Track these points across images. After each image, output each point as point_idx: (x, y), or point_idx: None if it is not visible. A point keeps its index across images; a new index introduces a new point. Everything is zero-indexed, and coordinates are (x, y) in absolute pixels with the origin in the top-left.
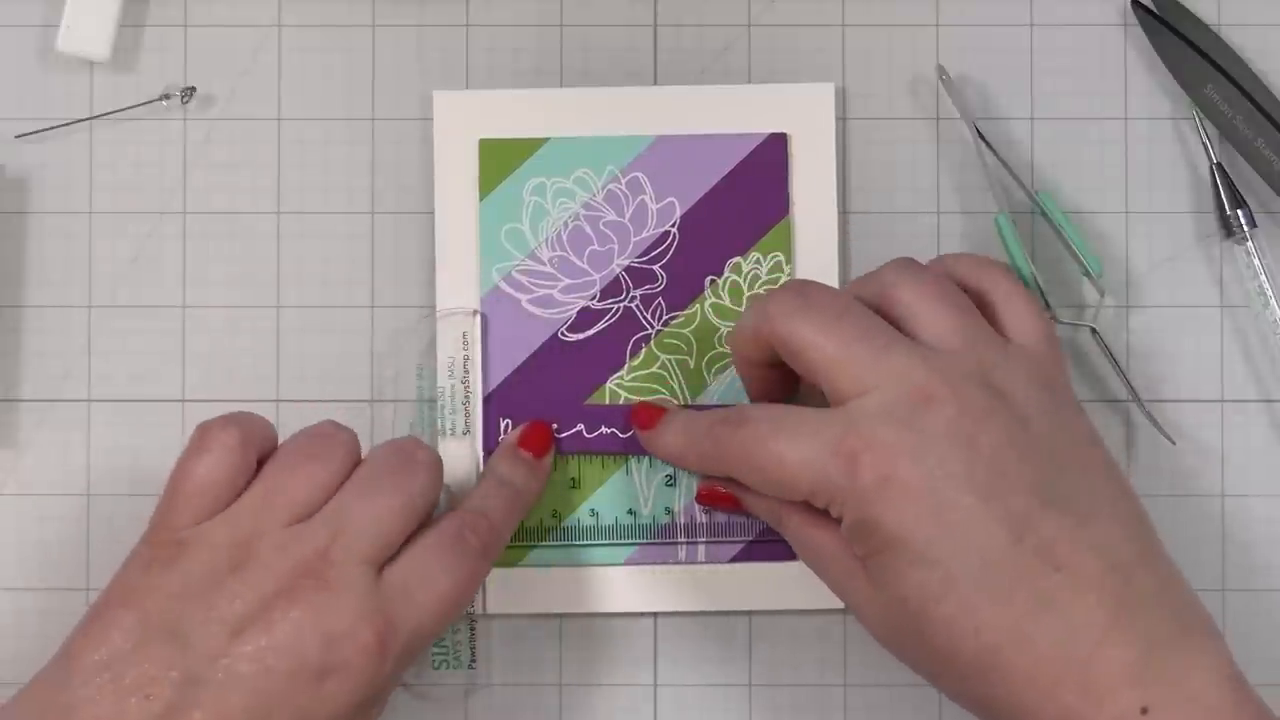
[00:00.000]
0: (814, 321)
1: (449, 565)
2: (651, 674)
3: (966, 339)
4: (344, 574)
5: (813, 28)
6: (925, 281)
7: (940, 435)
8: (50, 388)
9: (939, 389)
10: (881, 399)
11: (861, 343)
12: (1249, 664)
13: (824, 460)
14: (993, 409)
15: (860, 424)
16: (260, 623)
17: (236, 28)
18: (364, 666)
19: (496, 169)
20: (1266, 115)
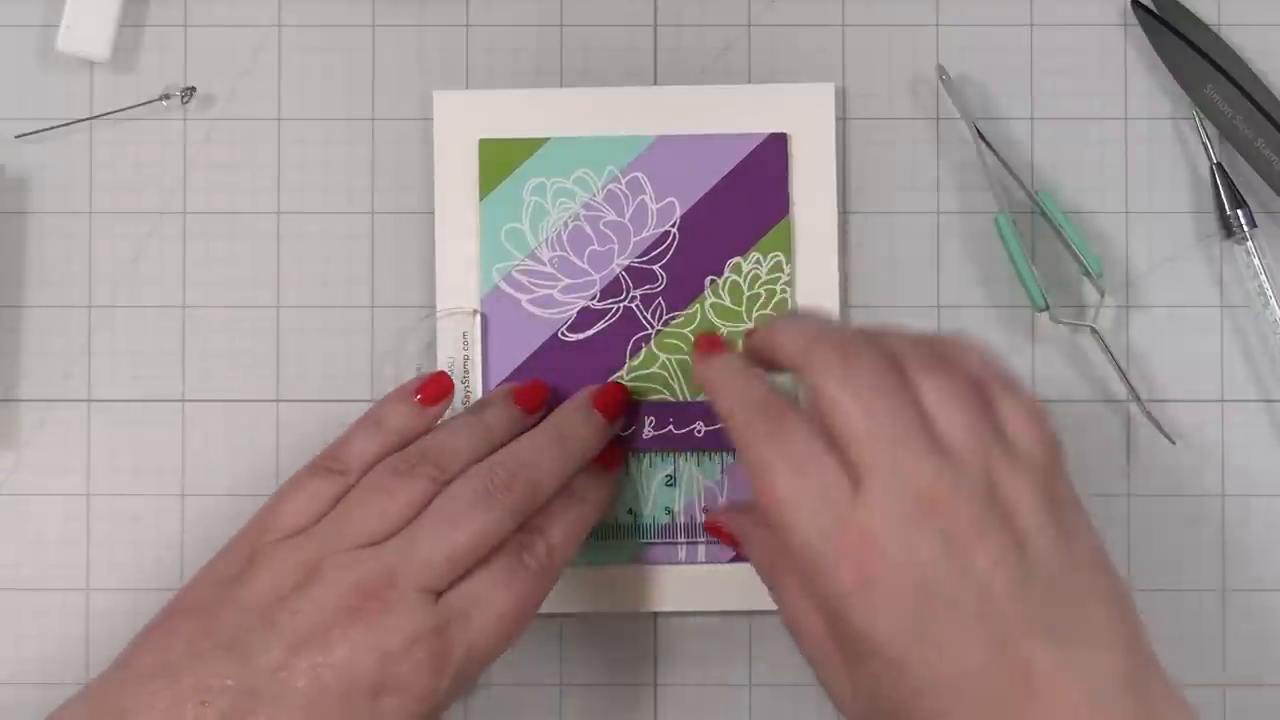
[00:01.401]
0: (851, 390)
1: (506, 587)
2: (651, 674)
3: (980, 448)
4: (404, 597)
5: (813, 28)
6: (954, 380)
7: (936, 547)
8: (50, 388)
9: (945, 497)
10: (888, 492)
11: (889, 425)
12: (1248, 665)
13: (821, 537)
14: (993, 525)
15: (861, 517)
16: (319, 640)
17: (236, 28)
18: (419, 686)
19: (496, 169)
20: (1266, 115)
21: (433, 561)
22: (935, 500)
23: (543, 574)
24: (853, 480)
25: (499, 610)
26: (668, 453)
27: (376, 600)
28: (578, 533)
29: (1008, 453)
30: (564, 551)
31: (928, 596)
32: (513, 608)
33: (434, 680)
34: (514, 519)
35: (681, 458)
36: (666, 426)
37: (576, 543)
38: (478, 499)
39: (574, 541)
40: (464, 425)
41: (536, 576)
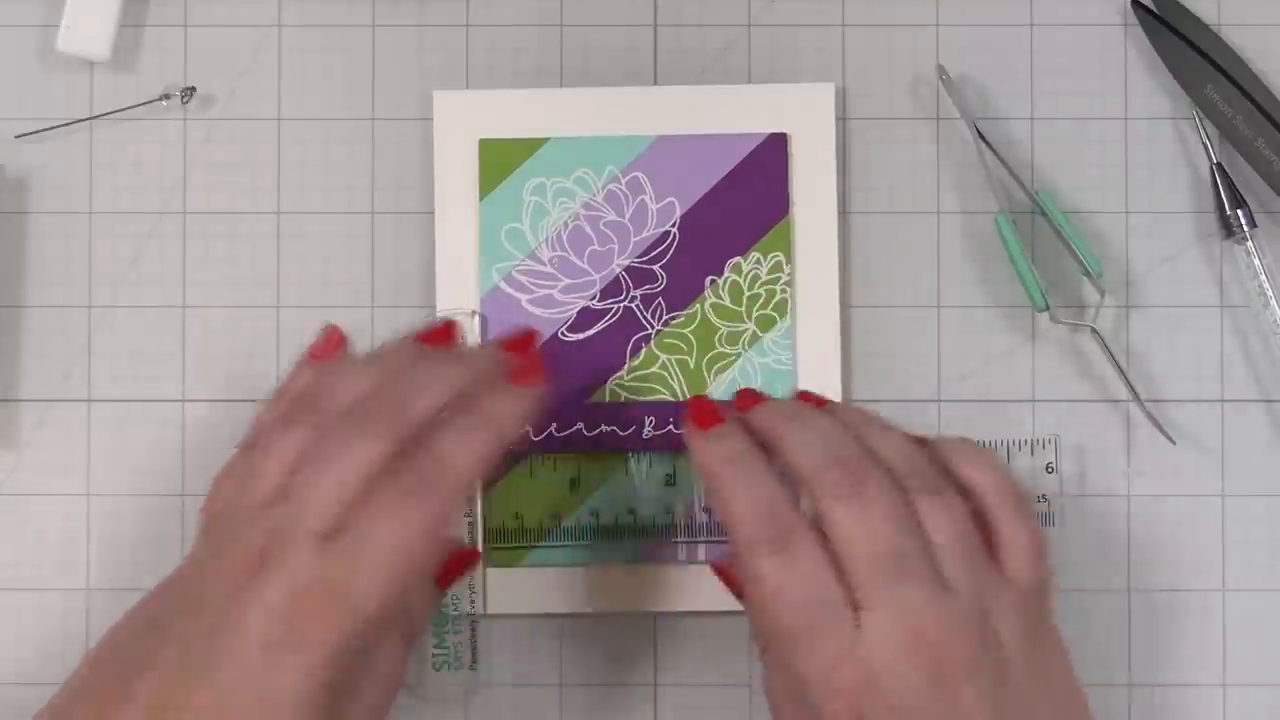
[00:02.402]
0: (859, 519)
1: (391, 518)
2: (651, 674)
3: (976, 581)
4: (289, 550)
5: (813, 28)
6: (956, 508)
7: (926, 685)
8: (50, 388)
9: (942, 636)
10: (887, 629)
11: (894, 562)
12: (1248, 664)
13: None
14: (981, 662)
15: (861, 651)
16: (219, 602)
17: (236, 28)
18: (315, 638)
19: (496, 169)
20: (1266, 115)
21: (310, 505)
22: (931, 637)
23: (430, 492)
24: (853, 610)
25: (388, 544)
26: (667, 453)
27: (266, 559)
28: (474, 445)
29: (1000, 583)
30: (456, 462)
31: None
32: (401, 538)
33: (329, 630)
34: (385, 439)
35: (681, 458)
36: (666, 426)
37: (475, 456)
38: (347, 430)
39: (470, 453)
40: (350, 365)
41: (423, 498)
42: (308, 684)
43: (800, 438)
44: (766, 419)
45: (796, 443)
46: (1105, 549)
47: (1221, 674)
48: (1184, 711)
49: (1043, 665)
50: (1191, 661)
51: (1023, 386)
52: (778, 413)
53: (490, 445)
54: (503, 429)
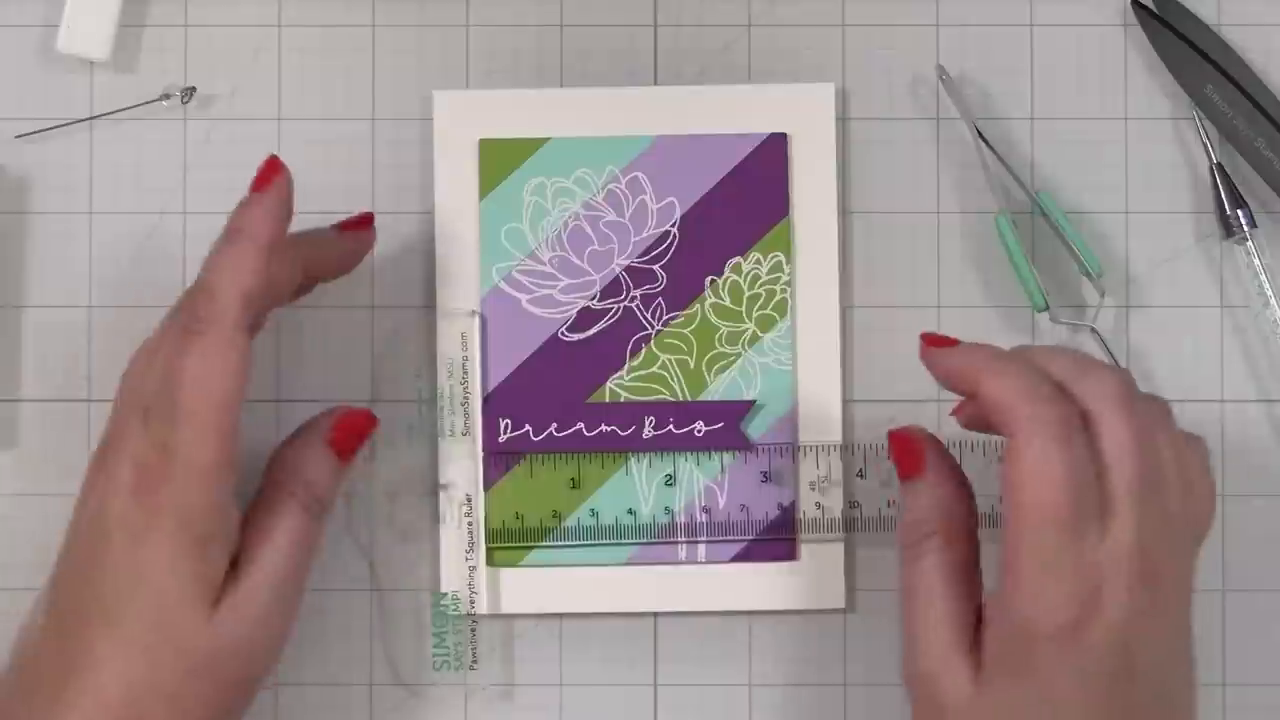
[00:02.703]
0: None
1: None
2: (651, 674)
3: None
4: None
5: (813, 28)
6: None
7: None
8: (50, 388)
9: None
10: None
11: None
12: (1248, 665)
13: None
14: (1183, 581)
15: (1100, 563)
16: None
17: (236, 28)
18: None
19: (496, 169)
20: (1266, 115)
21: (132, 388)
22: (1154, 558)
23: (204, 322)
24: (1101, 506)
25: (187, 385)
26: (668, 453)
27: (107, 449)
28: (230, 260)
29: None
30: (219, 282)
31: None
32: (197, 374)
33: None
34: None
35: (681, 458)
36: (666, 426)
37: (235, 270)
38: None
39: (229, 269)
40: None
41: (201, 328)
42: (174, 550)
43: (1074, 354)
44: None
45: (1073, 353)
46: None
47: (1221, 674)
48: None
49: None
50: None
51: None
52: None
53: (246, 254)
54: (253, 234)
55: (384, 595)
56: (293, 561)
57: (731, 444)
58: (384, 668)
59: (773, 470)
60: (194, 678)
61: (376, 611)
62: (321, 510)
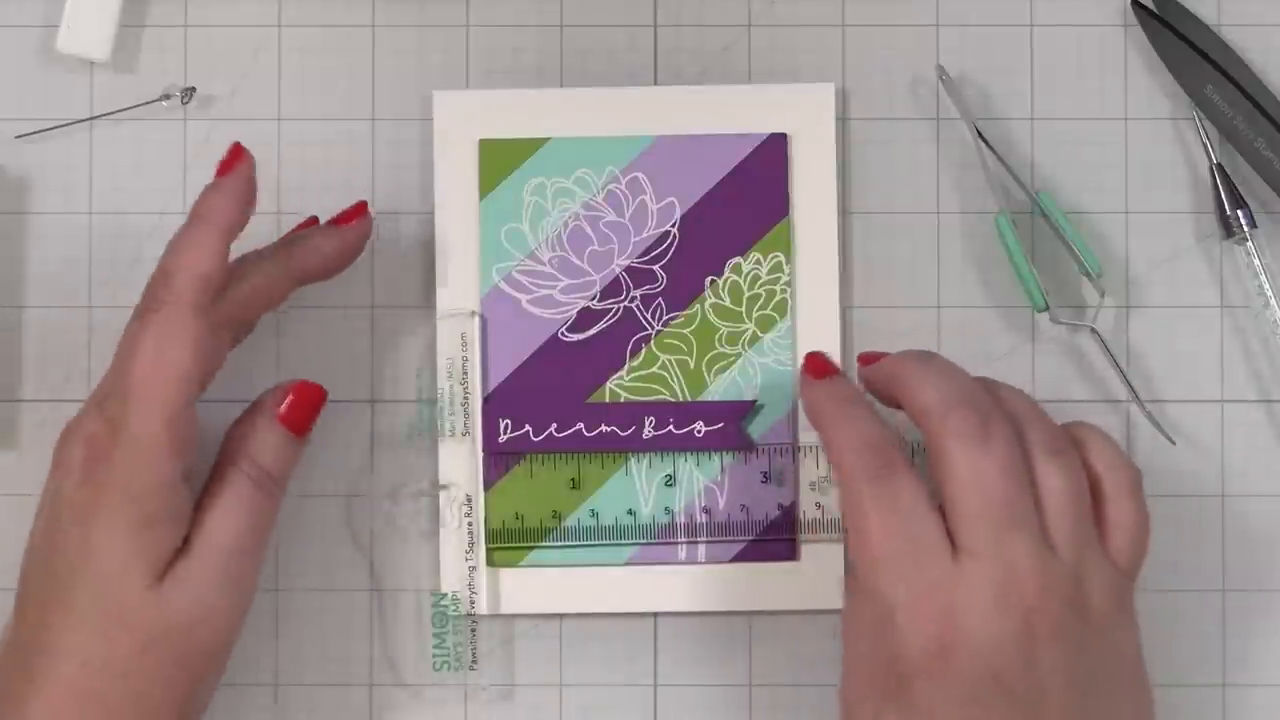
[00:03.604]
0: (982, 468)
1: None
2: (651, 674)
3: (1079, 544)
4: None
5: (813, 28)
6: (1073, 470)
7: (1014, 638)
8: (50, 388)
9: (1036, 591)
10: (985, 574)
11: (1006, 511)
12: (1248, 664)
13: (908, 597)
14: (1069, 625)
15: (953, 589)
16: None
17: (236, 28)
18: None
19: (496, 169)
20: (1266, 115)
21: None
22: (1027, 592)
23: (161, 302)
24: (953, 551)
25: (139, 362)
26: (668, 453)
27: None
28: (189, 241)
29: (1101, 556)
30: (178, 264)
31: (993, 680)
32: (150, 351)
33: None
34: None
35: (681, 458)
36: (666, 426)
37: (194, 252)
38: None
39: (187, 251)
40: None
41: (159, 308)
42: (120, 527)
43: (931, 377)
44: (895, 363)
45: (926, 381)
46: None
47: (1221, 674)
48: (1184, 711)
49: (1120, 644)
50: (1191, 661)
51: (1022, 386)
52: (907, 357)
53: (202, 236)
54: (212, 218)
55: (384, 595)
56: (240, 534)
57: (731, 444)
58: (384, 668)
59: (773, 470)
60: (145, 654)
61: (376, 611)
62: (273, 485)
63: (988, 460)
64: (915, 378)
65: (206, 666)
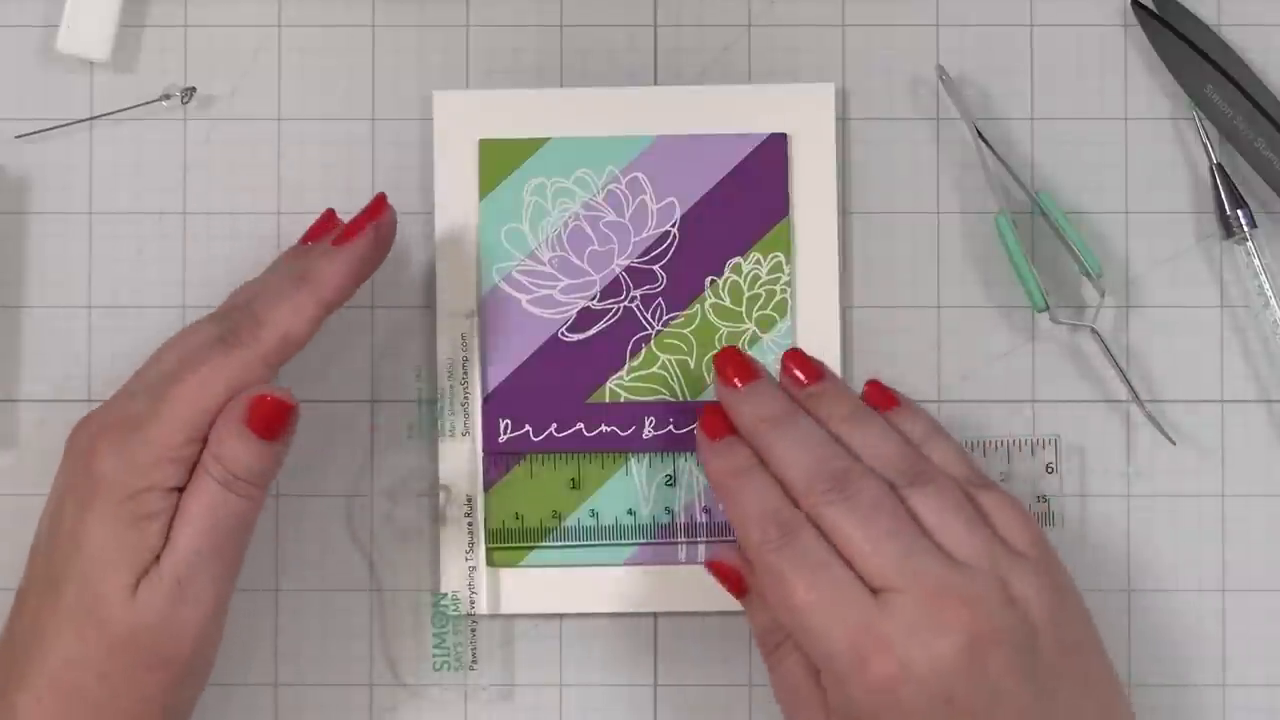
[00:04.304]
0: (854, 519)
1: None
2: (651, 674)
3: (985, 550)
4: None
5: (813, 28)
6: (942, 489)
7: (957, 653)
8: (50, 388)
9: (964, 601)
10: (908, 601)
11: (895, 542)
12: (1248, 664)
13: (844, 642)
14: (1009, 625)
15: (884, 624)
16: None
17: (236, 28)
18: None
19: (496, 169)
20: (1266, 115)
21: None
22: (954, 605)
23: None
24: (873, 593)
25: (195, 374)
26: (668, 453)
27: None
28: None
29: (1009, 551)
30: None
31: (946, 703)
32: (208, 375)
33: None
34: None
35: (681, 458)
36: (666, 426)
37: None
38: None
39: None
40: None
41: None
42: (112, 521)
43: (784, 451)
44: (754, 428)
45: (781, 456)
46: (1105, 549)
47: (1221, 674)
48: (1184, 711)
49: (1070, 631)
50: (1191, 661)
51: (1023, 386)
52: (764, 419)
53: (305, 300)
54: (322, 288)
55: (384, 595)
56: (209, 538)
57: None
58: (384, 668)
59: None
60: (118, 654)
61: (376, 611)
62: (246, 487)
63: (856, 510)
64: (771, 451)
65: (179, 672)
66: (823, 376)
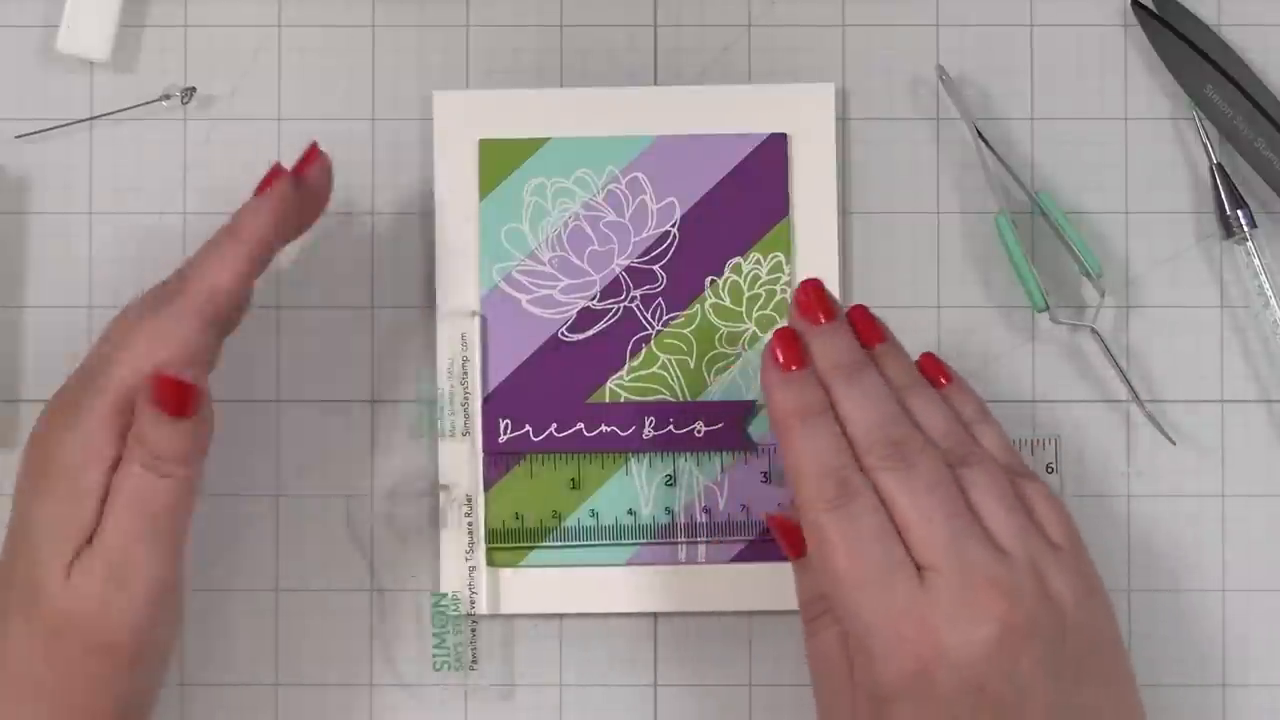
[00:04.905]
0: (910, 490)
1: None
2: (651, 674)
3: (1026, 542)
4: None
5: (813, 28)
6: (994, 475)
7: (991, 643)
8: (50, 388)
9: (1006, 592)
10: (953, 585)
11: (947, 524)
12: (1247, 665)
13: (882, 620)
14: (1044, 620)
15: (925, 606)
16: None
17: (236, 28)
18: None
19: (496, 169)
20: (1266, 115)
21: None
22: (995, 594)
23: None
24: (917, 569)
25: (129, 342)
26: (668, 453)
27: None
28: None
29: (1048, 545)
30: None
31: (976, 694)
32: (151, 338)
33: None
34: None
35: (681, 458)
36: (666, 426)
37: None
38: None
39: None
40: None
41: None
42: (57, 502)
43: (853, 406)
44: (827, 372)
45: (849, 410)
46: (1105, 549)
47: (1221, 674)
48: (1184, 711)
49: (1095, 626)
50: (1191, 661)
51: (1023, 386)
52: (838, 366)
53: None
54: (239, 232)
55: (384, 595)
56: (138, 520)
57: (731, 444)
58: (384, 668)
59: (773, 470)
60: (59, 638)
61: (376, 611)
62: (169, 466)
63: (913, 484)
64: (841, 404)
65: (123, 659)
66: (885, 339)
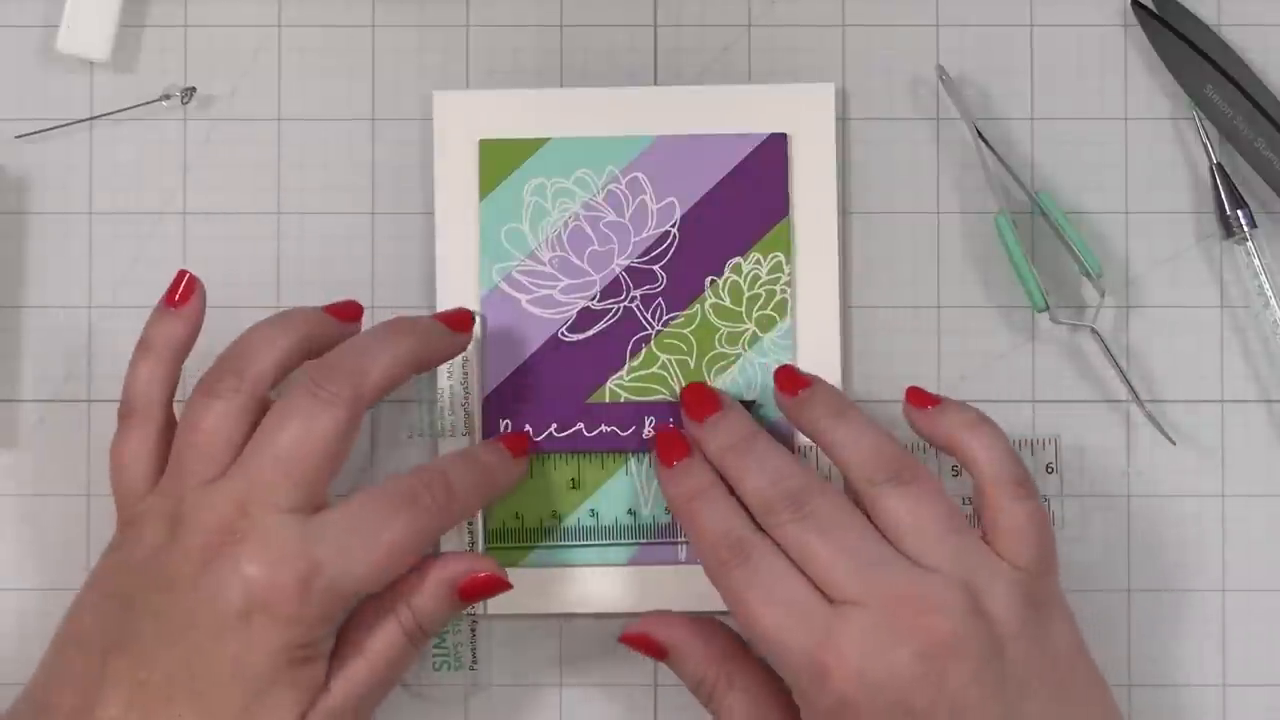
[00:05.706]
0: (815, 529)
1: (394, 517)
2: (651, 674)
3: (956, 557)
4: (259, 524)
5: (813, 28)
6: (919, 494)
7: (913, 666)
8: (50, 388)
9: (923, 612)
10: (865, 616)
11: (853, 555)
12: (1247, 664)
13: (797, 656)
14: (972, 637)
15: (840, 637)
16: (187, 580)
17: (236, 28)
18: (284, 606)
19: (496, 169)
20: (1266, 115)
21: (273, 481)
22: (912, 614)
23: (439, 514)
24: (830, 606)
25: (381, 540)
26: None
27: (232, 533)
28: (480, 490)
29: (991, 562)
30: (465, 500)
31: (906, 715)
32: (396, 540)
33: (299, 603)
34: (349, 410)
35: None
36: None
37: (476, 500)
38: (299, 401)
39: (474, 497)
40: (266, 325)
41: (431, 514)
42: (277, 652)
43: (742, 475)
44: (720, 458)
45: (740, 480)
46: (1105, 549)
47: (1221, 674)
48: (1184, 711)
49: (1045, 641)
50: (1191, 661)
51: (1023, 386)
52: (727, 448)
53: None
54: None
55: None
56: (381, 680)
57: None
58: None
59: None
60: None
61: None
62: (424, 639)
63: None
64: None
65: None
66: (810, 384)
